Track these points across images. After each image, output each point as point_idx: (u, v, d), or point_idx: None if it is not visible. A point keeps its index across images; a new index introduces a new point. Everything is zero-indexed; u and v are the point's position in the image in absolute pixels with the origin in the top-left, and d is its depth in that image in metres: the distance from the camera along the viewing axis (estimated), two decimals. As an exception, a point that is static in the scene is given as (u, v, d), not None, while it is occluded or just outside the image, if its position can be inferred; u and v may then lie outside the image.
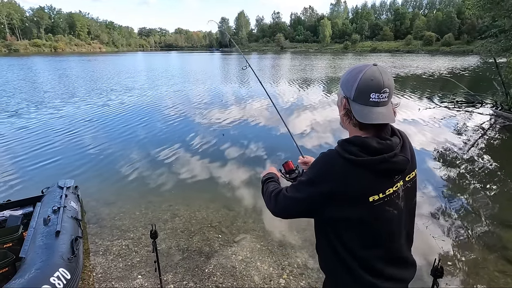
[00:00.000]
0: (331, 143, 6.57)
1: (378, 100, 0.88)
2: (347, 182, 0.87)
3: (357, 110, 0.90)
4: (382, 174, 0.90)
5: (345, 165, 0.88)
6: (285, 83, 16.85)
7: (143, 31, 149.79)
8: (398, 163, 0.90)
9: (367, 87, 0.88)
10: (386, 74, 0.88)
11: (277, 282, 2.72)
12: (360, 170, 0.88)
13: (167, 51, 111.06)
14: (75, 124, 8.18)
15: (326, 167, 0.92)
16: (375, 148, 0.88)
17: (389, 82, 0.88)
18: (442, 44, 67.70)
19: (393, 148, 0.90)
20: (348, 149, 0.89)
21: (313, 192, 0.92)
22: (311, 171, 0.97)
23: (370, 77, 0.87)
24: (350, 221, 0.90)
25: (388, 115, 0.90)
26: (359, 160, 0.87)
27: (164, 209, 3.95)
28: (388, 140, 0.91)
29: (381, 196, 0.89)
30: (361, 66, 0.91)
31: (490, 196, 4.33)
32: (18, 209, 3.21)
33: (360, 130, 0.94)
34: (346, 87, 0.94)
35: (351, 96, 0.92)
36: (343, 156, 0.89)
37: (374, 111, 0.88)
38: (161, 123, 8.31)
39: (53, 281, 2.08)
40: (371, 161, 0.87)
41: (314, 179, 0.93)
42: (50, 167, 5.31)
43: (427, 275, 2.45)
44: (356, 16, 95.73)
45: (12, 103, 10.91)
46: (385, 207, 0.91)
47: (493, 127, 8.09)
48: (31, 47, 75.98)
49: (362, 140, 0.90)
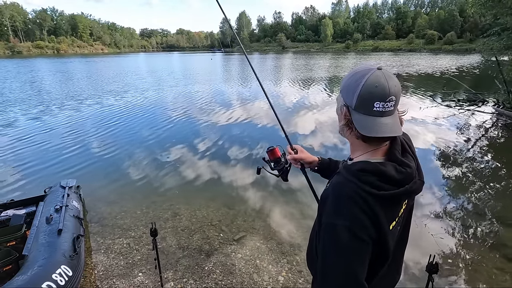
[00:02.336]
0: (332, 143, 6.59)
1: (383, 109, 0.79)
2: (375, 215, 0.79)
3: (359, 120, 0.82)
4: (399, 203, 0.87)
5: (368, 199, 0.78)
6: (287, 83, 16.87)
7: (144, 32, 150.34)
8: (416, 190, 0.85)
9: (371, 95, 0.78)
10: (392, 79, 0.79)
11: (276, 279, 2.75)
12: (383, 203, 0.80)
13: (168, 52, 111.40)
14: (78, 124, 8.25)
15: (353, 204, 0.79)
16: (396, 179, 0.80)
17: (395, 89, 0.79)
18: (445, 42, 67.26)
19: (413, 176, 0.83)
20: (366, 180, 0.79)
21: (358, 242, 0.78)
22: (338, 217, 0.80)
23: (374, 83, 0.77)
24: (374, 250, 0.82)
25: (394, 127, 0.81)
26: (381, 194, 0.78)
27: (165, 208, 3.99)
28: (407, 167, 0.83)
29: (397, 221, 0.87)
30: (364, 70, 0.81)
31: (491, 195, 4.32)
32: (21, 209, 3.27)
33: (364, 142, 0.85)
34: (347, 94, 0.84)
35: (352, 105, 0.82)
36: (364, 189, 0.79)
37: (378, 122, 0.79)
38: (163, 123, 8.35)
39: (55, 278, 2.12)
40: (394, 195, 0.80)
41: (351, 225, 0.77)
42: (53, 167, 5.37)
43: (423, 272, 2.46)
44: (358, 15, 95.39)
45: (17, 104, 11.02)
46: (397, 228, 0.89)
47: (495, 125, 8.06)
48: (34, 49, 76.56)
49: (379, 169, 0.80)
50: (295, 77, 19.39)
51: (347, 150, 5.48)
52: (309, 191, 1.32)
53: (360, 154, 0.89)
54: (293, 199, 4.16)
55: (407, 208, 0.94)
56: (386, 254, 0.85)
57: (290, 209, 3.96)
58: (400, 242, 0.97)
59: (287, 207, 4.01)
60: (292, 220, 3.69)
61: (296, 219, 3.73)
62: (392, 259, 0.90)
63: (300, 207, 3.96)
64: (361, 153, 0.89)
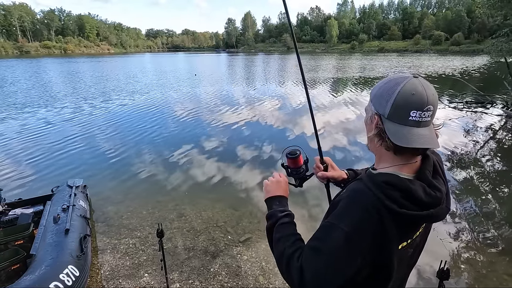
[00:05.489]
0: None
1: (419, 119, 0.73)
2: (385, 232, 0.74)
3: (393, 130, 0.75)
4: (417, 225, 0.82)
5: (383, 213, 0.73)
6: (291, 83, 16.83)
7: (150, 32, 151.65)
8: (439, 216, 0.77)
9: (407, 103, 0.73)
10: (430, 88, 0.74)
11: (282, 282, 2.73)
12: (399, 221, 0.74)
13: (174, 52, 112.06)
14: (86, 123, 8.32)
15: (362, 215, 0.74)
16: (422, 201, 0.73)
17: (433, 98, 0.73)
18: (452, 43, 66.52)
19: (441, 202, 0.77)
20: (389, 194, 0.73)
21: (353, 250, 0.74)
22: (342, 221, 0.76)
23: (411, 91, 0.72)
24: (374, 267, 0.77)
25: (432, 139, 0.75)
26: (402, 212, 0.72)
27: (170, 209, 3.99)
28: (437, 190, 0.76)
29: (409, 242, 0.81)
30: (399, 78, 0.76)
31: (500, 198, 4.25)
32: (29, 208, 3.30)
33: (395, 155, 0.79)
34: (380, 102, 0.78)
35: (386, 113, 0.76)
36: (384, 203, 0.73)
37: (415, 133, 0.73)
38: (170, 123, 8.39)
39: (63, 278, 2.13)
40: (416, 216, 0.74)
41: (351, 232, 0.73)
42: (60, 166, 5.42)
43: (434, 277, 2.43)
44: (364, 15, 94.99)
45: (25, 102, 11.17)
46: (408, 249, 0.83)
47: (503, 127, 7.94)
48: (42, 49, 77.67)
49: (407, 186, 0.74)
50: (298, 78, 19.32)
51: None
52: (320, 192, 1.30)
53: (387, 166, 0.82)
54: (302, 201, 4.08)
55: (424, 231, 0.89)
56: (389, 274, 0.79)
57: (298, 210, 3.92)
58: (408, 265, 0.91)
59: (294, 209, 3.97)
60: (300, 223, 3.65)
61: (304, 221, 3.69)
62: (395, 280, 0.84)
63: (309, 209, 3.90)
64: (388, 166, 0.82)
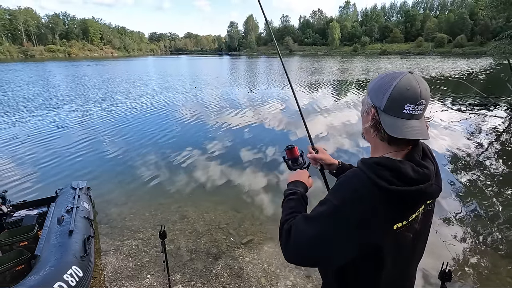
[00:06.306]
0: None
1: (412, 112, 0.79)
2: (375, 210, 0.78)
3: (388, 122, 0.81)
4: (411, 204, 0.83)
5: (375, 192, 0.78)
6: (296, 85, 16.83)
7: (153, 35, 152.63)
8: (431, 194, 0.83)
9: (402, 97, 0.79)
10: (423, 83, 0.80)
11: (284, 284, 2.73)
12: (391, 199, 0.78)
13: (177, 55, 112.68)
14: (90, 126, 8.40)
15: (353, 193, 0.80)
16: (411, 177, 0.78)
17: (426, 93, 0.79)
18: (454, 45, 66.23)
19: (430, 178, 0.82)
20: (380, 173, 0.78)
21: (338, 221, 0.80)
22: (334, 197, 0.83)
23: (406, 85, 0.78)
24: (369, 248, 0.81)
25: (423, 130, 0.81)
26: (392, 189, 0.76)
27: (173, 211, 4.01)
28: (425, 168, 0.82)
29: (404, 224, 0.83)
30: (395, 73, 0.82)
31: (504, 201, 4.22)
32: (34, 209, 3.34)
33: (389, 145, 0.85)
34: (376, 95, 0.84)
35: (382, 106, 0.82)
36: (374, 182, 0.78)
37: (408, 125, 0.80)
38: (173, 126, 8.44)
39: (67, 279, 2.15)
40: (406, 192, 0.77)
41: (340, 206, 0.80)
42: (64, 168, 5.47)
43: (436, 279, 2.42)
44: (366, 18, 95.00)
45: (29, 106, 11.29)
46: (405, 233, 0.85)
47: (507, 130, 7.90)
48: (46, 53, 78.69)
49: (396, 165, 0.78)
50: (303, 80, 19.37)
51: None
52: (323, 193, 1.31)
53: (380, 154, 0.88)
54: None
55: (424, 218, 0.91)
56: (381, 260, 0.82)
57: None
58: (412, 250, 0.92)
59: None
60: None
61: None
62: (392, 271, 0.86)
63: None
64: (381, 154, 0.87)
